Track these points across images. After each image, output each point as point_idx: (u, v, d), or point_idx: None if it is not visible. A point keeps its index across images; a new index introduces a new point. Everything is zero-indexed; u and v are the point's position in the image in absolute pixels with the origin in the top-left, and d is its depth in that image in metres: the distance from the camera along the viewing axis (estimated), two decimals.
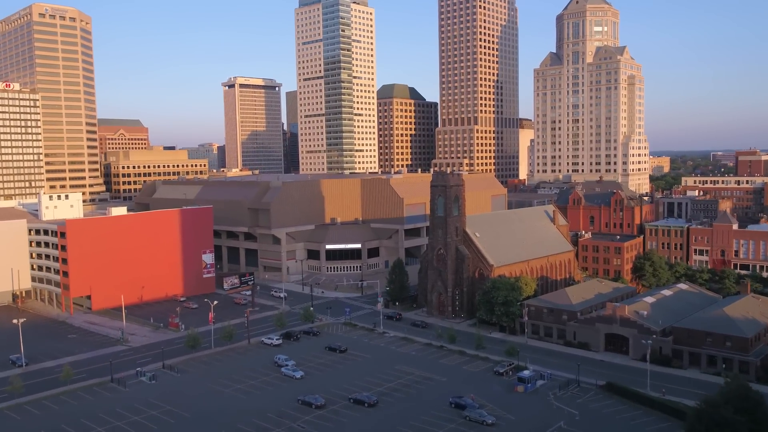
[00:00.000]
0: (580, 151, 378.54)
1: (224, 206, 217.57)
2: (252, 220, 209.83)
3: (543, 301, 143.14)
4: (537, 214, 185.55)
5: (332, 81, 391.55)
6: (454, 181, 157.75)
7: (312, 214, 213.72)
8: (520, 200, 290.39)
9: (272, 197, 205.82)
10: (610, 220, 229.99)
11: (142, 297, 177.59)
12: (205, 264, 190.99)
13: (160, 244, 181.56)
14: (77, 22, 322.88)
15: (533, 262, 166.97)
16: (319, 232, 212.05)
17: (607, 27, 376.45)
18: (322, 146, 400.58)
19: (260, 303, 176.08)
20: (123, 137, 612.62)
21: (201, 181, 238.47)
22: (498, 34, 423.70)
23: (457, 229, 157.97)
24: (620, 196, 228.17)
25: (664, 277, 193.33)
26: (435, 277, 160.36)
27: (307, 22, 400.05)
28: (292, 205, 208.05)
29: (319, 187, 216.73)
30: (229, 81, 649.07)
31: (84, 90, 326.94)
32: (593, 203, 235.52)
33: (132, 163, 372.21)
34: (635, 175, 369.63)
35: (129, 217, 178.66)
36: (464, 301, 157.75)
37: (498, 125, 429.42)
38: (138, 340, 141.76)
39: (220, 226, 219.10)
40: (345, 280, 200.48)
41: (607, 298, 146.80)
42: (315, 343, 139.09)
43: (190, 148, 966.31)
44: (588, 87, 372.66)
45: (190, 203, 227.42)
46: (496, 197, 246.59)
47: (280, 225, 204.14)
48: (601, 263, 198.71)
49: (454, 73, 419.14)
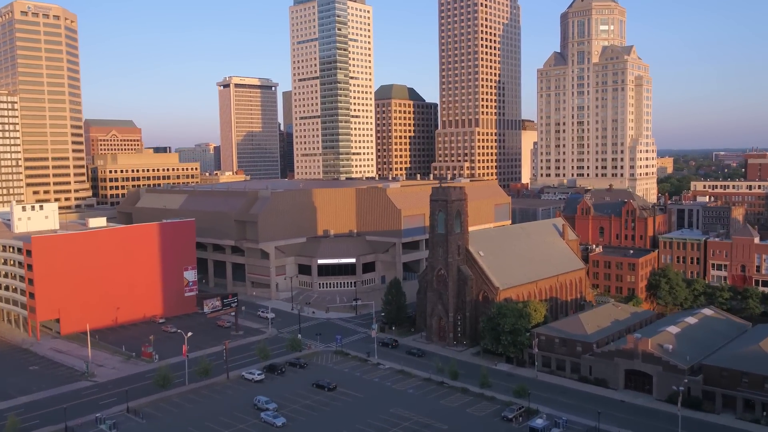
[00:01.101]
0: (586, 155, 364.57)
1: (210, 217, 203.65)
2: (239, 233, 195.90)
3: (554, 329, 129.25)
4: (545, 228, 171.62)
5: (328, 81, 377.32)
6: (456, 195, 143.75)
7: (303, 226, 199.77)
8: (524, 207, 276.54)
9: (260, 208, 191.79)
10: (621, 232, 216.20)
11: (117, 319, 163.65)
12: (187, 282, 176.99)
13: (137, 260, 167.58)
14: (61, 20, 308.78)
15: (542, 282, 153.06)
16: (311, 245, 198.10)
17: (614, 26, 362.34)
18: (318, 149, 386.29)
19: (245, 325, 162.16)
20: (115, 138, 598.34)
21: (186, 190, 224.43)
22: (500, 32, 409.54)
23: (459, 248, 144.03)
24: (632, 206, 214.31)
25: (682, 296, 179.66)
26: (435, 300, 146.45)
27: (302, 21, 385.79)
28: (282, 217, 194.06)
29: (310, 197, 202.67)
30: (224, 81, 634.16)
31: (69, 91, 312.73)
32: (603, 213, 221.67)
33: (120, 167, 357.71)
34: (643, 180, 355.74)
35: (102, 233, 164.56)
36: (467, 327, 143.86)
37: (500, 127, 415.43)
38: (105, 374, 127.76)
39: (206, 239, 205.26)
40: (338, 298, 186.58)
41: (625, 326, 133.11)
42: (301, 377, 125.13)
43: (187, 149, 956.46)
44: (594, 88, 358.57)
45: (173, 213, 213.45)
46: (500, 206, 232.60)
47: (269, 238, 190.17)
48: (613, 280, 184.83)
49: (455, 73, 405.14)
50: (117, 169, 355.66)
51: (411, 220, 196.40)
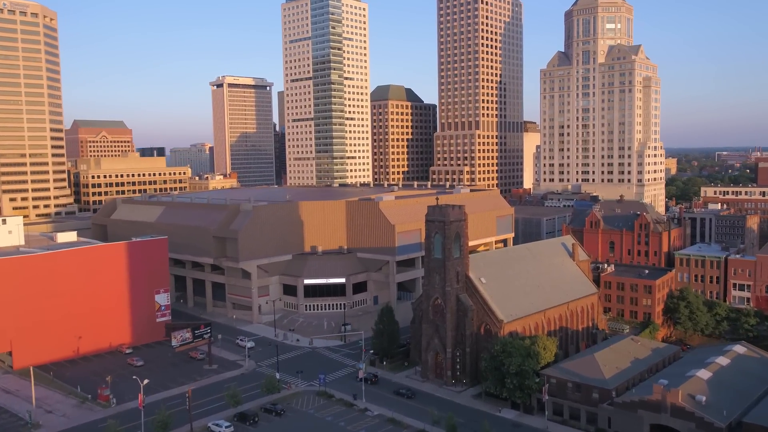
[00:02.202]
0: (591, 159, 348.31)
1: (188, 232, 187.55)
2: (218, 250, 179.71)
3: (567, 371, 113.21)
4: (553, 248, 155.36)
5: (321, 82, 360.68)
6: (455, 215, 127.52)
7: (289, 242, 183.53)
8: (527, 217, 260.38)
9: (241, 224, 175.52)
10: (634, 247, 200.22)
11: (79, 350, 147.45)
12: (159, 306, 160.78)
13: (102, 284, 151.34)
14: (40, 17, 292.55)
15: (551, 311, 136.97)
16: (297, 263, 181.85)
17: (621, 24, 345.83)
18: (311, 153, 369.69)
19: (220, 357, 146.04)
20: (105, 139, 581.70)
21: (163, 202, 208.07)
22: (501, 31, 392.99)
23: (458, 275, 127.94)
24: (645, 219, 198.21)
25: (703, 321, 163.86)
26: (431, 333, 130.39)
27: (295, 19, 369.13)
28: (265, 232, 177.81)
29: (297, 211, 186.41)
30: (218, 80, 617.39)
31: (48, 92, 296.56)
32: (614, 227, 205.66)
33: (103, 171, 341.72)
34: (651, 185, 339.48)
35: (63, 255, 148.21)
36: (467, 364, 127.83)
37: (501, 129, 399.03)
38: (53, 424, 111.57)
39: (184, 255, 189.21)
40: (325, 323, 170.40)
41: (646, 366, 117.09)
42: (277, 428, 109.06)
43: (182, 149, 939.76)
44: (599, 89, 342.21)
45: (149, 227, 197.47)
46: (502, 218, 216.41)
47: (250, 256, 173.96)
48: (627, 303, 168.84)
49: (454, 74, 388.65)
50: (100, 174, 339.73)
51: (406, 236, 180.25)
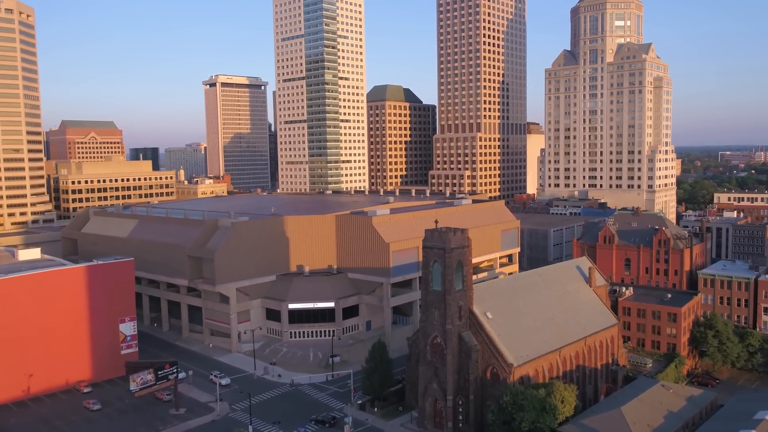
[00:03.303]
0: (598, 164, 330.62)
1: (161, 250, 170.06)
2: (193, 271, 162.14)
3: (590, 430, 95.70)
4: (567, 273, 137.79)
5: (315, 82, 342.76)
6: (457, 241, 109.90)
7: (272, 261, 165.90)
8: (533, 228, 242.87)
9: (218, 242, 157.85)
10: (652, 265, 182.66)
11: (30, 389, 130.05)
12: (124, 336, 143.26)
13: (58, 313, 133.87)
14: (15, 14, 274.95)
15: (566, 349, 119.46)
16: (281, 285, 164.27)
17: (630, 21, 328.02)
18: (304, 157, 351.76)
19: (190, 398, 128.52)
20: (94, 140, 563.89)
21: (137, 215, 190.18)
22: (504, 29, 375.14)
23: (460, 310, 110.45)
24: (665, 234, 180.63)
25: (734, 353, 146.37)
26: (430, 377, 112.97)
27: (287, 15, 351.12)
28: (246, 251, 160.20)
29: (281, 227, 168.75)
30: (211, 79, 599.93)
31: (25, 93, 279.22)
32: (629, 242, 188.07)
33: (85, 176, 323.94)
34: (662, 192, 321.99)
35: (11, 282, 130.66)
36: (470, 413, 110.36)
37: (503, 132, 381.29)
38: None
39: (158, 275, 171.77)
40: (312, 353, 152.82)
41: (682, 421, 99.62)
42: None
43: (177, 149, 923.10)
44: (608, 90, 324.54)
45: (120, 243, 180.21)
46: (507, 232, 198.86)
47: (228, 279, 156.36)
48: (648, 332, 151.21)
49: (455, 73, 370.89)
50: (81, 179, 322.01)
51: (402, 255, 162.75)
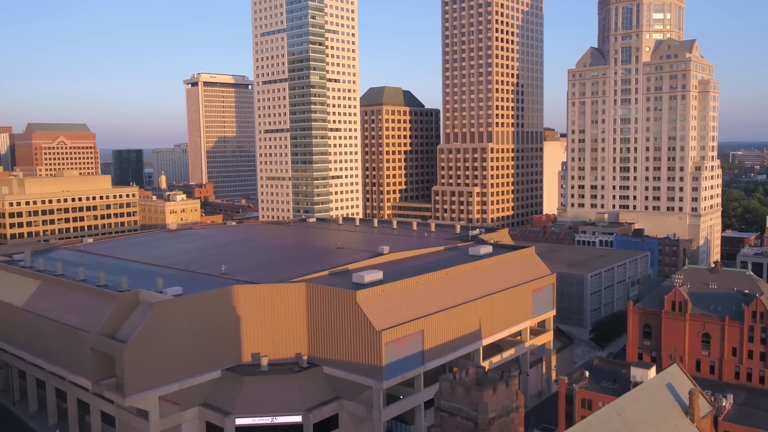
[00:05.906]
0: (631, 181, 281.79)
1: (60, 333, 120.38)
2: (99, 369, 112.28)
3: None
4: (658, 401, 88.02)
5: (299, 85, 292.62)
6: (498, 405, 60.48)
7: (215, 351, 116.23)
8: (564, 272, 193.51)
9: (133, 330, 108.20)
10: (743, 345, 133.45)
11: None
12: None
13: None
14: None
15: None
16: (227, 387, 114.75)
17: (671, 14, 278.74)
18: (287, 172, 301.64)
19: None
20: (63, 146, 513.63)
21: (40, 275, 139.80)
22: (519, 23, 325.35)
23: None
24: (763, 305, 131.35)
25: None
26: None
27: (267, 6, 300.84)
28: (175, 340, 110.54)
29: (229, 301, 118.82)
30: (192, 78, 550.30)
31: None
32: (707, 311, 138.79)
33: (27, 196, 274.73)
34: (707, 215, 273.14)
35: None
36: None
37: (518, 141, 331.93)
38: None
39: (55, 367, 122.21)
40: None
41: None
42: None
43: (165, 149, 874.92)
44: (644, 95, 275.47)
45: (14, 315, 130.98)
46: (539, 291, 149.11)
47: (147, 384, 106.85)
48: None
49: (462, 74, 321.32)
50: (22, 200, 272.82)
51: (400, 346, 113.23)
